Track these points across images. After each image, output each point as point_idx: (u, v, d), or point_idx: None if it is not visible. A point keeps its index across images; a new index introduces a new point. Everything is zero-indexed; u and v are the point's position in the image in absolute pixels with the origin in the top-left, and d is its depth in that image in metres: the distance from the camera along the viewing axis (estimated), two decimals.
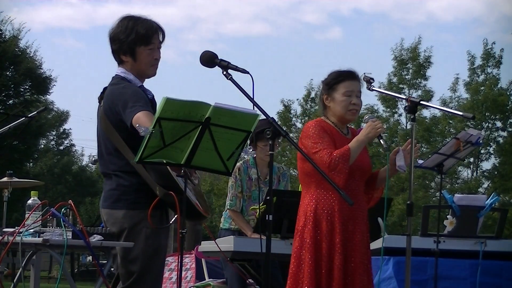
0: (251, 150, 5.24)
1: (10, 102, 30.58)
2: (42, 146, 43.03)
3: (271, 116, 4.14)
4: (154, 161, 4.07)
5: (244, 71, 4.26)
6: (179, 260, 4.15)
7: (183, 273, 11.07)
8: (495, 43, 31.99)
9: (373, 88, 5.09)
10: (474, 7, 56.52)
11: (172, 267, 11.29)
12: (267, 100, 58.72)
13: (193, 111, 3.96)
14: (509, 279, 6.88)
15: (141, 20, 4.59)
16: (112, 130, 4.46)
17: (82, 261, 43.90)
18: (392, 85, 31.83)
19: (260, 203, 6.41)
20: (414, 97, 4.91)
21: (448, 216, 6.92)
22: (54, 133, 47.53)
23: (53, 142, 48.45)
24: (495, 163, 32.29)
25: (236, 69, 4.24)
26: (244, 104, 4.13)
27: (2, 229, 4.86)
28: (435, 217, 7.00)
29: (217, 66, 4.25)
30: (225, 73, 4.22)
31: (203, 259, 10.92)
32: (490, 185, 32.38)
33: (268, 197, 4.55)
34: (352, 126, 5.21)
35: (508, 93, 31.75)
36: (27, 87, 31.20)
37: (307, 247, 4.83)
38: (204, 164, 4.16)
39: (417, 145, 5.02)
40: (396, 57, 32.52)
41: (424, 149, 30.65)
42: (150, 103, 4.52)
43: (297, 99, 34.00)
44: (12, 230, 4.62)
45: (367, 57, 59.60)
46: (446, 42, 59.75)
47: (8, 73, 30.48)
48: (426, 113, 31.81)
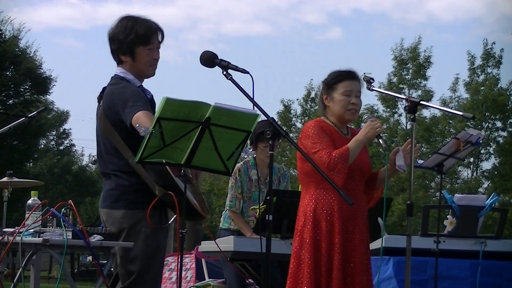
0: (251, 151, 5.25)
1: (10, 102, 30.58)
2: (42, 146, 43.05)
3: (271, 116, 4.15)
4: (154, 161, 4.08)
5: (244, 71, 4.26)
6: (179, 260, 4.15)
7: (183, 273, 11.06)
8: (495, 43, 32.08)
9: (373, 88, 5.08)
10: (474, 7, 56.55)
11: (172, 267, 11.27)
12: (267, 100, 58.83)
13: (193, 111, 3.96)
14: (509, 279, 6.88)
15: (140, 20, 4.59)
16: (112, 130, 4.45)
17: (82, 261, 43.85)
18: (392, 85, 31.82)
19: (260, 204, 6.41)
20: (414, 97, 4.90)
21: (448, 216, 6.92)
22: (54, 133, 47.57)
23: (53, 142, 48.47)
24: (495, 163, 32.31)
25: (236, 69, 4.24)
26: (244, 104, 4.14)
27: (2, 229, 4.86)
28: (435, 217, 7.00)
29: (217, 66, 4.25)
30: (225, 73, 4.22)
31: (203, 259, 10.91)
32: (490, 185, 32.38)
33: (268, 197, 4.55)
34: (351, 126, 5.21)
35: (508, 93, 31.74)
36: (27, 87, 31.20)
37: (307, 247, 4.82)
38: (204, 164, 4.16)
39: (417, 145, 5.02)
40: (396, 57, 32.51)
41: (424, 149, 30.64)
42: (149, 103, 4.52)
43: (297, 99, 34.05)
44: (12, 230, 4.61)
45: (367, 57, 59.69)
46: (446, 42, 59.77)
47: (8, 73, 30.48)
48: (426, 113, 31.86)
